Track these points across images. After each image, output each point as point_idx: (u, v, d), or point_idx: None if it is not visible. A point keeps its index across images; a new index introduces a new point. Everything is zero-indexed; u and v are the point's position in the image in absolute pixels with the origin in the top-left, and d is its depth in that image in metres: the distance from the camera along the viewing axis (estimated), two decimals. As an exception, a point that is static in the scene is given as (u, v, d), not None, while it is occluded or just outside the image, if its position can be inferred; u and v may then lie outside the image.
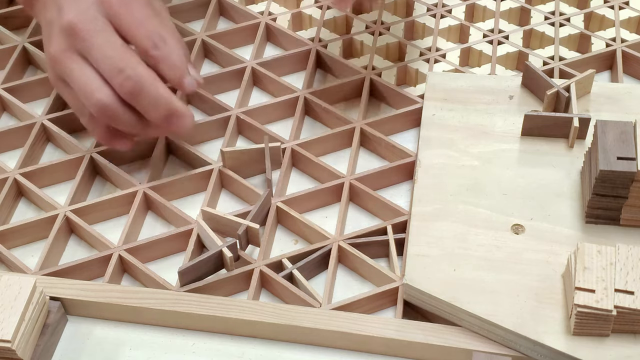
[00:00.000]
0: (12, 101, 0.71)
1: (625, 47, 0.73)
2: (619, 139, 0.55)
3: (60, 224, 0.62)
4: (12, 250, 0.62)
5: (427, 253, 0.57)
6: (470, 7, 0.78)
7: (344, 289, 0.59)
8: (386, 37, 0.75)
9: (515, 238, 0.57)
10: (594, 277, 0.51)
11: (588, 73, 0.66)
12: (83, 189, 0.65)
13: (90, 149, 0.67)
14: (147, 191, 0.64)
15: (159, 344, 0.57)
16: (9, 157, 0.69)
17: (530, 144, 0.63)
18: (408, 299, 0.56)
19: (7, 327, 0.51)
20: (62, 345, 0.57)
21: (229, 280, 0.58)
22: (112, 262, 0.59)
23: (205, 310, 0.56)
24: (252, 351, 0.56)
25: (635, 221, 0.57)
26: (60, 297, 0.57)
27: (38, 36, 0.77)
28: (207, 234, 0.59)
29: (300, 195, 0.63)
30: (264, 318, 0.55)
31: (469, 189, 0.61)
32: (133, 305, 0.57)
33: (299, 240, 0.63)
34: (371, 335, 0.54)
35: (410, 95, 0.69)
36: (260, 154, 0.65)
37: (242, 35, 0.77)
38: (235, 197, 0.66)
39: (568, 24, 0.76)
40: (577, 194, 0.60)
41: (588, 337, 0.51)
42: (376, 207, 0.63)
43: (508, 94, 0.67)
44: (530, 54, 0.73)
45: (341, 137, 0.68)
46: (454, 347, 0.54)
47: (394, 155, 0.66)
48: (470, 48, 0.74)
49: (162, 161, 0.68)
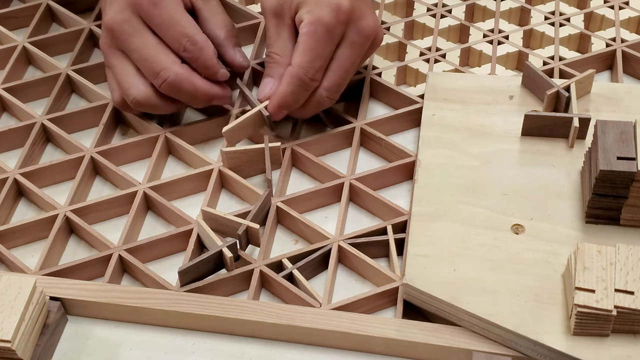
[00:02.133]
0: (12, 101, 0.71)
1: (625, 47, 0.73)
2: (619, 139, 0.55)
3: (60, 224, 0.62)
4: (12, 250, 0.62)
5: (427, 253, 0.57)
6: (470, 7, 0.78)
7: (344, 289, 0.59)
8: (386, 37, 0.75)
9: (515, 238, 0.57)
10: (594, 277, 0.51)
11: (588, 73, 0.66)
12: (83, 189, 0.65)
13: (90, 149, 0.67)
14: (147, 191, 0.64)
15: (159, 344, 0.57)
16: (9, 157, 0.69)
17: (530, 144, 0.63)
18: (408, 299, 0.56)
19: (7, 327, 0.51)
20: (62, 345, 0.57)
21: (229, 280, 0.58)
22: (112, 262, 0.59)
23: (205, 310, 0.56)
24: (252, 351, 0.56)
25: (635, 221, 0.57)
26: (60, 297, 0.57)
27: (38, 36, 0.77)
28: (207, 234, 0.59)
29: (300, 195, 0.63)
30: (264, 318, 0.55)
31: (469, 189, 0.61)
32: (133, 305, 0.57)
33: (299, 240, 0.63)
34: (371, 335, 0.54)
35: (410, 95, 0.69)
36: (260, 154, 0.65)
37: (242, 35, 0.76)
38: (235, 197, 0.66)
39: (568, 24, 0.76)
40: (577, 194, 0.60)
41: (588, 337, 0.51)
42: (376, 207, 0.63)
43: (508, 94, 0.67)
44: (530, 54, 0.73)
45: (341, 137, 0.68)
46: (454, 347, 0.54)
47: (394, 155, 0.66)
48: (470, 48, 0.74)
49: (162, 161, 0.68)
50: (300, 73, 0.61)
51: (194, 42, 0.63)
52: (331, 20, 0.60)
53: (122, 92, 0.65)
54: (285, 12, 0.63)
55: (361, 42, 0.62)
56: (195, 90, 0.63)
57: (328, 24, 0.60)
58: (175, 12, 0.63)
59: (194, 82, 0.63)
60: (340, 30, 0.61)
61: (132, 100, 0.64)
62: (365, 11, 0.62)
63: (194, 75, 0.64)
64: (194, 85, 0.63)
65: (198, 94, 0.64)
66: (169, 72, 0.62)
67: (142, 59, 0.63)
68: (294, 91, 0.62)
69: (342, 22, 0.61)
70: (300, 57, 0.61)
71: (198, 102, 0.65)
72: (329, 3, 0.60)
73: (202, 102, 0.65)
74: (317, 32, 0.60)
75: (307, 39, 0.61)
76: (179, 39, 0.63)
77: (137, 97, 0.64)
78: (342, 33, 0.62)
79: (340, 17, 0.60)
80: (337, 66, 0.62)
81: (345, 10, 0.60)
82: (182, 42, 0.63)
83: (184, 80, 0.63)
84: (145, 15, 0.63)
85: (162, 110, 0.66)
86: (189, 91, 0.63)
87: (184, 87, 0.63)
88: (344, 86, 0.64)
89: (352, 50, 0.62)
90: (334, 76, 0.63)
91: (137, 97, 0.64)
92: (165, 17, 0.63)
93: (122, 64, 0.65)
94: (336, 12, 0.60)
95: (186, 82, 0.63)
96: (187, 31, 0.63)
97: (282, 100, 0.63)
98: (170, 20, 0.63)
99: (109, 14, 0.64)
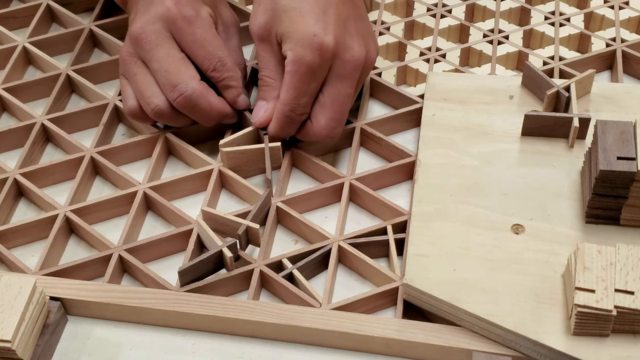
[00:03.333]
0: (12, 101, 0.71)
1: (625, 47, 0.73)
2: (619, 139, 0.55)
3: (60, 224, 0.62)
4: (12, 250, 0.62)
5: (427, 253, 0.57)
6: (470, 7, 0.78)
7: (344, 289, 0.59)
8: (386, 37, 0.75)
9: (515, 238, 0.57)
10: (594, 277, 0.51)
11: (588, 73, 0.66)
12: (83, 189, 0.65)
13: (90, 149, 0.67)
14: (147, 191, 0.64)
15: (159, 344, 0.57)
16: (9, 157, 0.69)
17: (530, 144, 0.63)
18: (408, 299, 0.56)
19: (7, 327, 0.51)
20: (62, 345, 0.57)
21: (229, 280, 0.58)
22: (112, 262, 0.59)
23: (205, 310, 0.56)
24: (252, 351, 0.56)
25: (635, 221, 0.57)
26: (60, 297, 0.57)
27: (38, 36, 0.77)
28: (207, 234, 0.59)
29: (300, 195, 0.63)
30: (264, 318, 0.55)
31: (469, 189, 0.61)
32: (133, 305, 0.57)
33: (299, 240, 0.63)
34: (371, 335, 0.54)
35: (410, 95, 0.69)
36: (260, 154, 0.65)
37: (242, 35, 0.76)
38: (235, 197, 0.66)
39: (568, 24, 0.76)
40: (577, 194, 0.60)
41: (588, 337, 0.51)
42: (376, 207, 0.63)
43: (508, 94, 0.67)
44: (530, 54, 0.73)
45: (341, 137, 0.68)
46: (454, 347, 0.54)
47: (394, 155, 0.66)
48: (470, 48, 0.74)
49: (162, 161, 0.68)
50: (286, 110, 0.62)
51: (223, 63, 0.64)
52: (314, 59, 0.60)
53: (142, 100, 0.65)
54: (272, 38, 0.63)
55: (349, 74, 0.62)
56: (210, 108, 0.64)
57: (311, 63, 0.60)
58: (209, 33, 0.64)
59: (209, 99, 0.64)
60: (324, 67, 0.61)
61: (154, 108, 0.64)
62: (350, 43, 0.61)
63: (211, 92, 0.64)
64: (209, 103, 0.64)
65: (212, 112, 0.64)
66: (187, 86, 0.63)
67: (163, 70, 0.63)
68: (282, 126, 0.63)
69: (326, 59, 0.60)
70: (285, 95, 0.62)
71: (210, 121, 0.65)
72: (311, 42, 0.60)
73: (213, 120, 0.65)
74: (300, 71, 0.60)
75: (291, 78, 0.61)
76: (211, 58, 0.64)
77: (160, 105, 0.64)
78: (327, 68, 0.61)
79: (324, 55, 0.60)
80: (330, 101, 0.62)
81: (328, 49, 0.60)
82: (212, 62, 0.64)
83: (201, 97, 0.63)
84: (179, 31, 0.64)
85: (177, 122, 0.66)
86: (204, 108, 0.64)
87: (200, 103, 0.63)
88: (344, 119, 0.64)
89: (341, 84, 0.62)
90: (329, 112, 0.62)
91: (159, 106, 0.64)
92: (198, 35, 0.64)
93: (143, 73, 0.65)
94: (319, 52, 0.60)
95: (203, 99, 0.63)
96: (219, 52, 0.64)
97: (274, 135, 0.64)
98: (204, 39, 0.64)
99: (138, 23, 0.64)
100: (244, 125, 0.67)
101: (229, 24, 0.68)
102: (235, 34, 0.69)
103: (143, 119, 0.66)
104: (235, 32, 0.69)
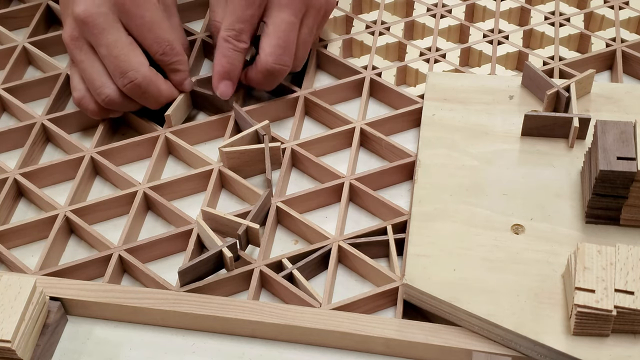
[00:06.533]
0: (12, 101, 0.71)
1: (625, 47, 0.73)
2: (619, 139, 0.55)
3: (60, 224, 0.62)
4: (12, 250, 0.62)
5: (427, 253, 0.57)
6: (470, 7, 0.78)
7: (344, 289, 0.59)
8: (386, 37, 0.75)
9: (515, 238, 0.57)
10: (594, 277, 0.51)
11: (588, 73, 0.66)
12: (83, 189, 0.65)
13: (90, 149, 0.67)
14: (147, 191, 0.64)
15: (159, 344, 0.57)
16: (9, 157, 0.69)
17: (530, 144, 0.63)
18: (408, 299, 0.56)
19: (7, 327, 0.51)
20: (62, 345, 0.57)
21: (229, 280, 0.58)
22: (112, 262, 0.59)
23: (205, 311, 0.56)
24: (252, 351, 0.56)
25: (635, 221, 0.57)
26: (60, 297, 0.57)
27: (38, 36, 0.77)
28: (207, 234, 0.59)
29: (300, 195, 0.63)
30: (264, 318, 0.55)
31: (469, 189, 0.61)
32: (133, 305, 0.57)
33: (299, 240, 0.63)
34: (371, 335, 0.54)
35: (410, 95, 0.69)
36: (260, 154, 0.65)
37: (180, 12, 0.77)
38: (235, 197, 0.66)
39: (568, 24, 0.76)
40: (577, 194, 0.60)
41: (588, 337, 0.51)
42: (376, 207, 0.63)
43: (508, 94, 0.67)
44: (530, 54, 0.73)
45: (341, 137, 0.68)
46: (454, 347, 0.54)
47: (394, 155, 0.66)
48: (470, 48, 0.74)
49: (162, 161, 0.68)
50: (224, 35, 0.63)
51: (172, 47, 0.65)
52: None
53: (92, 90, 0.64)
54: None
55: (288, 2, 0.62)
56: (159, 94, 0.65)
57: None
58: (157, 15, 0.64)
59: (158, 85, 0.65)
60: None
61: (105, 99, 0.64)
62: None
63: (160, 78, 0.65)
64: (158, 89, 0.65)
65: (161, 98, 0.65)
66: (137, 73, 0.63)
67: (112, 56, 0.63)
68: (224, 53, 0.64)
69: None
70: (224, 22, 0.64)
71: (157, 104, 0.66)
72: None
73: (160, 105, 0.66)
74: None
75: (229, 5, 0.63)
76: (160, 42, 0.64)
77: (111, 95, 0.64)
78: None
79: None
80: (272, 29, 0.63)
81: None
82: (162, 46, 0.64)
83: (150, 84, 0.64)
84: (126, 14, 0.63)
85: (125, 108, 0.66)
86: (153, 94, 0.64)
87: (149, 90, 0.64)
88: (290, 48, 0.64)
89: (282, 12, 0.63)
90: (272, 39, 0.63)
91: (110, 96, 0.64)
92: (147, 19, 0.63)
93: (91, 60, 0.64)
94: None
95: (152, 85, 0.64)
96: (168, 36, 0.65)
97: (221, 71, 0.65)
98: (153, 23, 0.64)
99: (82, 6, 0.63)
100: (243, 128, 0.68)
101: (168, 3, 0.68)
102: (175, 12, 0.69)
103: (91, 109, 0.66)
104: (174, 10, 0.69)
